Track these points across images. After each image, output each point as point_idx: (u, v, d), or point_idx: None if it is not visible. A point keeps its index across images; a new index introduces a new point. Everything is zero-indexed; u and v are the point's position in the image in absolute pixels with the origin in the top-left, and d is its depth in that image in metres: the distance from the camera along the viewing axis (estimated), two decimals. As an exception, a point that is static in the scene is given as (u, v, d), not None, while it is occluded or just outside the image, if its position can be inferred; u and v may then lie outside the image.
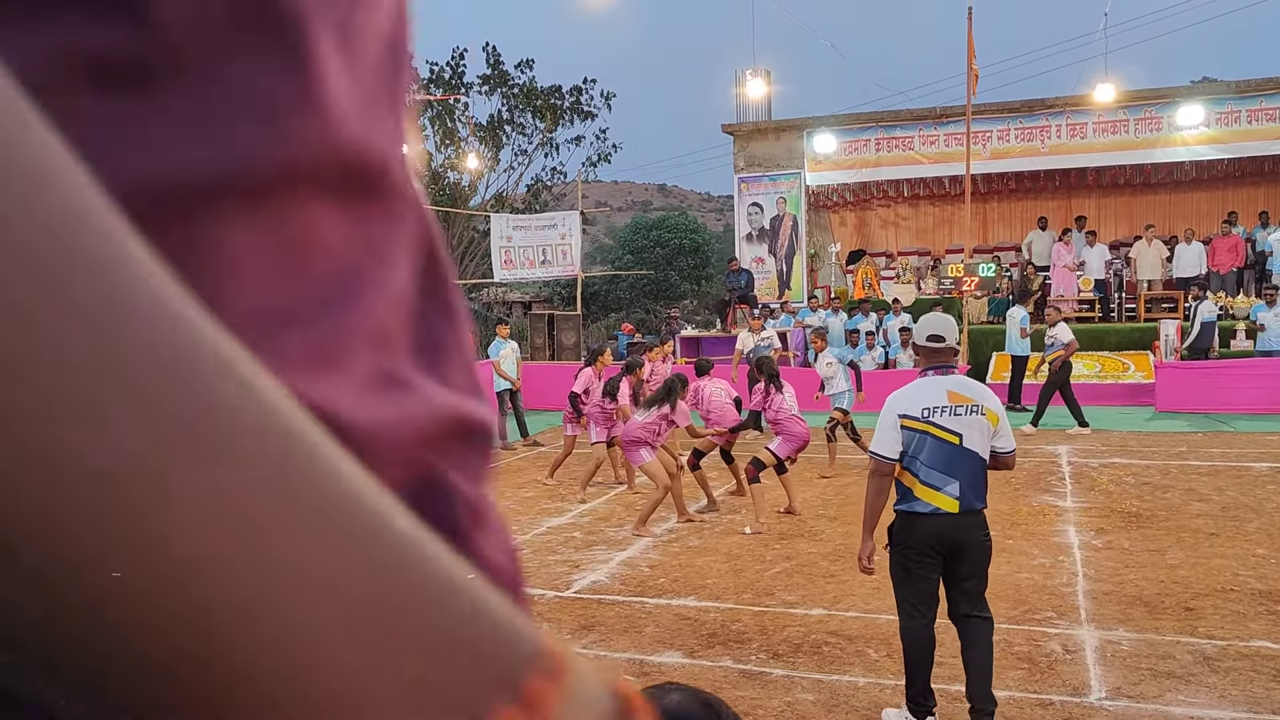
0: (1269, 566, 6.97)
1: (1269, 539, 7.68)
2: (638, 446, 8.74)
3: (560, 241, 21.49)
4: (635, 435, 8.74)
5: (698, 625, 6.22)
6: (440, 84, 33.12)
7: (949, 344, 4.65)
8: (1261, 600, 6.26)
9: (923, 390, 4.52)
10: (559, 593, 7.03)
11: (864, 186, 22.28)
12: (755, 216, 21.97)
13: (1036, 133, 20.04)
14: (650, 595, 6.91)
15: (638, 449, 8.75)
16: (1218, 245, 18.08)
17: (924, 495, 4.44)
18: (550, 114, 33.81)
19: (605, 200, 60.15)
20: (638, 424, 8.77)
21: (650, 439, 8.75)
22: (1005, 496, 9.47)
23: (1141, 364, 16.26)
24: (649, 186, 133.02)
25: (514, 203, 34.54)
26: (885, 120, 21.34)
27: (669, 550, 8.13)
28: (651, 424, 8.74)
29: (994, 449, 4.51)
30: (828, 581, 6.98)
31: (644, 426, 8.73)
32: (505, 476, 11.81)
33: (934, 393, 4.48)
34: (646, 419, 8.75)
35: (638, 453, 8.75)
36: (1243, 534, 7.84)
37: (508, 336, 14.34)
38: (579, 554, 8.11)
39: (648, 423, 8.74)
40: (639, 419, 8.79)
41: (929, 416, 4.44)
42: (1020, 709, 4.78)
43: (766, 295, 21.05)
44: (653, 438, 8.78)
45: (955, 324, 4.90)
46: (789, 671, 5.38)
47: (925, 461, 4.43)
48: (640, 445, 8.73)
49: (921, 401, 4.48)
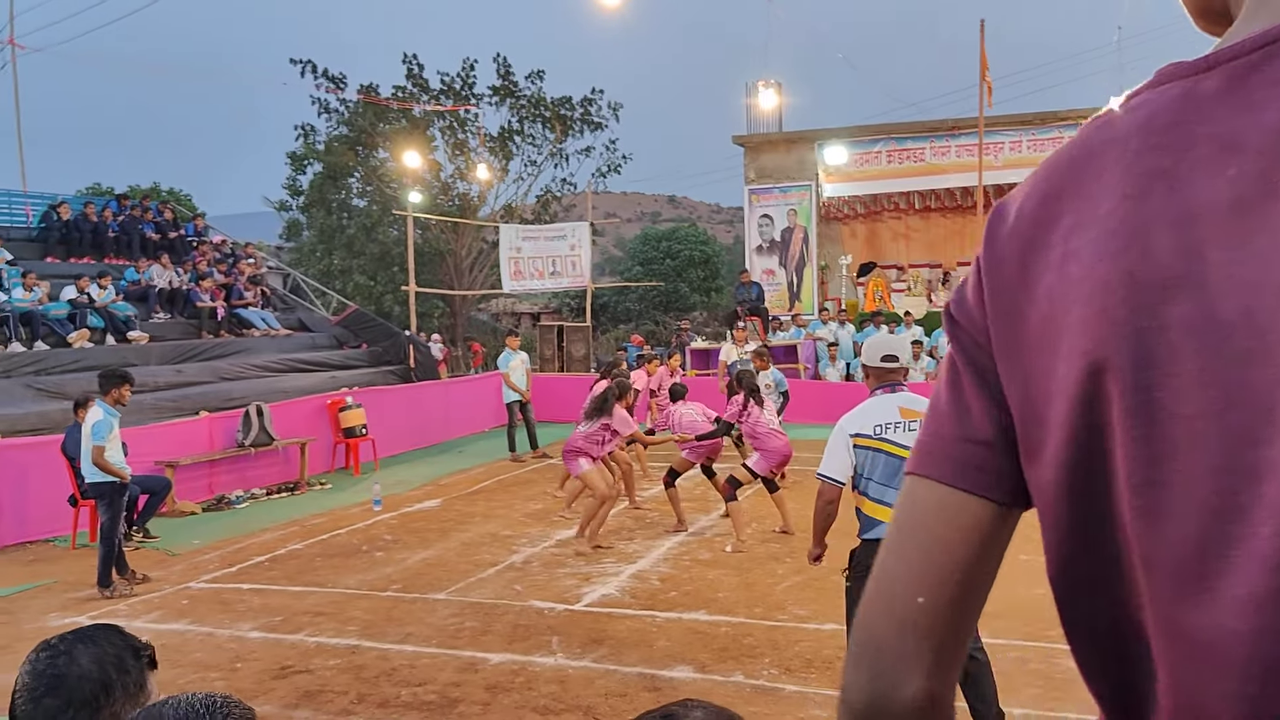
0: None
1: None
2: (577, 456, 8.70)
3: (570, 252, 21.47)
4: (577, 446, 8.71)
5: (709, 639, 6.17)
6: (451, 95, 33.20)
7: (902, 364, 4.70)
8: None
9: (874, 409, 4.50)
10: (569, 606, 6.99)
11: (875, 198, 22.23)
12: (766, 228, 21.94)
13: (1049, 145, 19.97)
14: (661, 609, 6.86)
15: (576, 459, 8.71)
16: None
17: (879, 515, 4.37)
18: (560, 125, 33.86)
19: (614, 211, 60.18)
20: (580, 435, 8.74)
21: (591, 449, 8.71)
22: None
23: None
24: (658, 198, 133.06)
25: (523, 213, 34.55)
26: (897, 132, 21.31)
27: (679, 564, 8.08)
28: (594, 434, 8.71)
29: None
30: (838, 595, 6.91)
31: (585, 437, 8.70)
32: (515, 489, 11.78)
33: (886, 410, 4.46)
34: (589, 429, 8.72)
35: (576, 462, 8.72)
36: (1259, 550, 7.76)
37: (518, 348, 14.31)
38: (589, 567, 8.07)
39: (590, 433, 8.71)
40: (581, 430, 8.77)
41: (882, 433, 4.40)
42: (1036, 727, 4.72)
43: (777, 308, 20.99)
44: (594, 448, 8.74)
45: (908, 344, 4.99)
46: (801, 687, 5.33)
47: (879, 480, 4.37)
48: (579, 456, 8.69)
49: (874, 419, 4.45)
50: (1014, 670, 5.41)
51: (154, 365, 14.67)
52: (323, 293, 25.11)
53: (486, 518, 10.13)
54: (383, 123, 32.95)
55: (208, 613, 7.16)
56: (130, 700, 1.66)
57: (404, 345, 18.87)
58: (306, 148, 34.30)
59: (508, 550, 8.72)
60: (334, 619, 6.87)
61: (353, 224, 33.82)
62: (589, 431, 8.71)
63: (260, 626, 6.77)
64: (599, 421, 8.70)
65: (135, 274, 17.03)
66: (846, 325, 18.84)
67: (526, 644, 6.20)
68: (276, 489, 12.16)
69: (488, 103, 33.56)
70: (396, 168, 31.58)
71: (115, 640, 1.71)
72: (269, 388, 14.97)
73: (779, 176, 22.10)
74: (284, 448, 12.55)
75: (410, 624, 6.70)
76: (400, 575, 7.98)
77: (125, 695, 1.66)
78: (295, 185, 35.11)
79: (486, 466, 13.48)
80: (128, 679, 1.67)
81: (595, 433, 8.72)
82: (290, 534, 9.76)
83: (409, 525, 9.91)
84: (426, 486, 12.13)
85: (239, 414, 12.24)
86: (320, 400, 13.80)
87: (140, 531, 9.65)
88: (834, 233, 22.93)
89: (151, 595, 7.70)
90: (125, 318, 15.45)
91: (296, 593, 7.60)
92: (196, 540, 9.62)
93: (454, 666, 5.84)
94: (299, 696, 5.46)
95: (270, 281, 21.51)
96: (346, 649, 6.23)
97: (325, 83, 31.97)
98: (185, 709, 1.36)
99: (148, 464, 10.46)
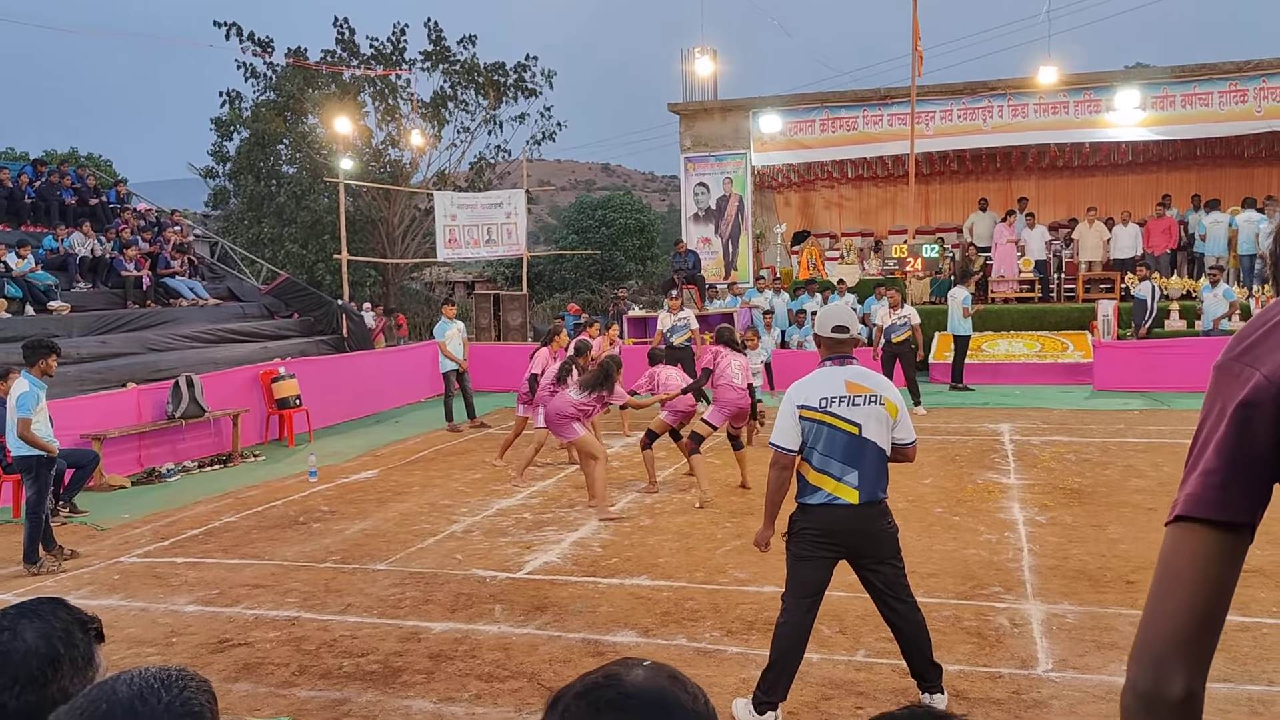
0: (1205, 540, 7.15)
1: (1204, 513, 7.87)
2: (569, 422, 8.67)
3: (506, 220, 21.27)
4: (568, 413, 8.68)
5: (651, 604, 6.23)
6: (382, 60, 32.57)
7: (852, 335, 4.63)
8: (1199, 573, 6.42)
9: (821, 380, 4.50)
10: (511, 574, 6.99)
11: (809, 167, 22.37)
12: (701, 196, 21.95)
13: (979, 114, 20.25)
14: (603, 575, 6.90)
15: (569, 424, 8.68)
16: (1152, 227, 18.45)
17: (821, 483, 4.41)
18: (493, 91, 33.43)
19: (548, 179, 59.66)
20: (571, 402, 8.71)
21: (581, 417, 8.73)
22: (951, 474, 9.62)
23: (1080, 343, 16.59)
24: (592, 166, 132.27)
25: (456, 181, 34.13)
26: (830, 101, 21.41)
27: (620, 530, 8.13)
28: (586, 404, 8.73)
29: (895, 440, 4.51)
30: (778, 559, 7.01)
31: (577, 405, 8.69)
32: (452, 459, 11.72)
33: (832, 383, 4.47)
34: (581, 399, 8.71)
35: (570, 427, 8.68)
36: (1179, 509, 8.04)
37: (454, 317, 14.17)
38: (530, 535, 8.07)
39: (582, 402, 8.71)
40: (574, 398, 8.74)
41: (826, 406, 4.42)
42: (970, 682, 4.86)
43: (713, 276, 21.07)
44: (584, 417, 8.78)
45: (855, 315, 4.90)
46: (743, 649, 5.42)
47: (823, 451, 4.40)
48: (572, 421, 8.67)
49: (820, 391, 4.45)
50: (948, 628, 5.56)
51: (77, 336, 14.27)
52: (252, 261, 24.59)
53: (425, 488, 10.07)
54: (312, 88, 32.23)
55: (141, 587, 7.03)
56: (79, 674, 1.63)
57: (336, 314, 18.59)
58: (233, 113, 33.43)
59: (447, 520, 8.68)
60: (272, 591, 6.80)
61: (282, 191, 33.10)
62: (581, 401, 8.70)
63: (196, 600, 6.67)
64: (593, 394, 8.71)
65: (54, 242, 16.50)
66: (781, 294, 19.00)
67: (469, 612, 6.20)
68: (209, 461, 11.94)
69: (420, 68, 33.03)
70: (327, 134, 30.94)
71: (61, 614, 1.67)
72: (199, 358, 14.67)
73: (714, 145, 22.10)
74: (216, 419, 12.32)
75: (350, 595, 6.65)
76: (339, 546, 7.90)
77: (73, 669, 1.62)
78: (222, 152, 34.24)
79: (423, 436, 13.38)
80: (75, 653, 1.63)
81: (587, 403, 8.72)
82: (224, 506, 9.60)
83: (346, 496, 9.81)
84: (363, 457, 12.00)
85: (168, 385, 11.97)
86: (252, 371, 13.55)
87: (67, 506, 9.42)
88: (769, 201, 23.04)
89: (81, 571, 7.53)
90: (45, 287, 14.99)
91: (233, 565, 7.49)
92: (126, 514, 9.42)
93: (396, 636, 5.82)
94: (238, 670, 5.40)
95: (198, 250, 21.00)
96: (286, 621, 6.17)
97: (252, 46, 31.14)
98: (140, 684, 1.33)
99: (73, 437, 10.20)
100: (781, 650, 4.43)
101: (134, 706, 1.28)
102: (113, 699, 1.29)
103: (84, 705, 1.30)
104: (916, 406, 13.53)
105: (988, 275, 18.87)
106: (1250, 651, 5.09)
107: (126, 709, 1.28)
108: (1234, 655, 5.04)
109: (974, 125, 20.33)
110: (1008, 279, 18.76)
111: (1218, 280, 15.79)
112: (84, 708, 1.29)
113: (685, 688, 1.12)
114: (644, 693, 1.09)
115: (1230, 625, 5.43)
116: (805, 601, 4.48)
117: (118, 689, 1.32)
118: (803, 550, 4.48)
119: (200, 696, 1.34)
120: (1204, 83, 19.09)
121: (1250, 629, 5.39)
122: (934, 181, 22.79)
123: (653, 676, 1.12)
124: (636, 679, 1.11)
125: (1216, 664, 4.91)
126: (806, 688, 4.80)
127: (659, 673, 1.13)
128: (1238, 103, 18.85)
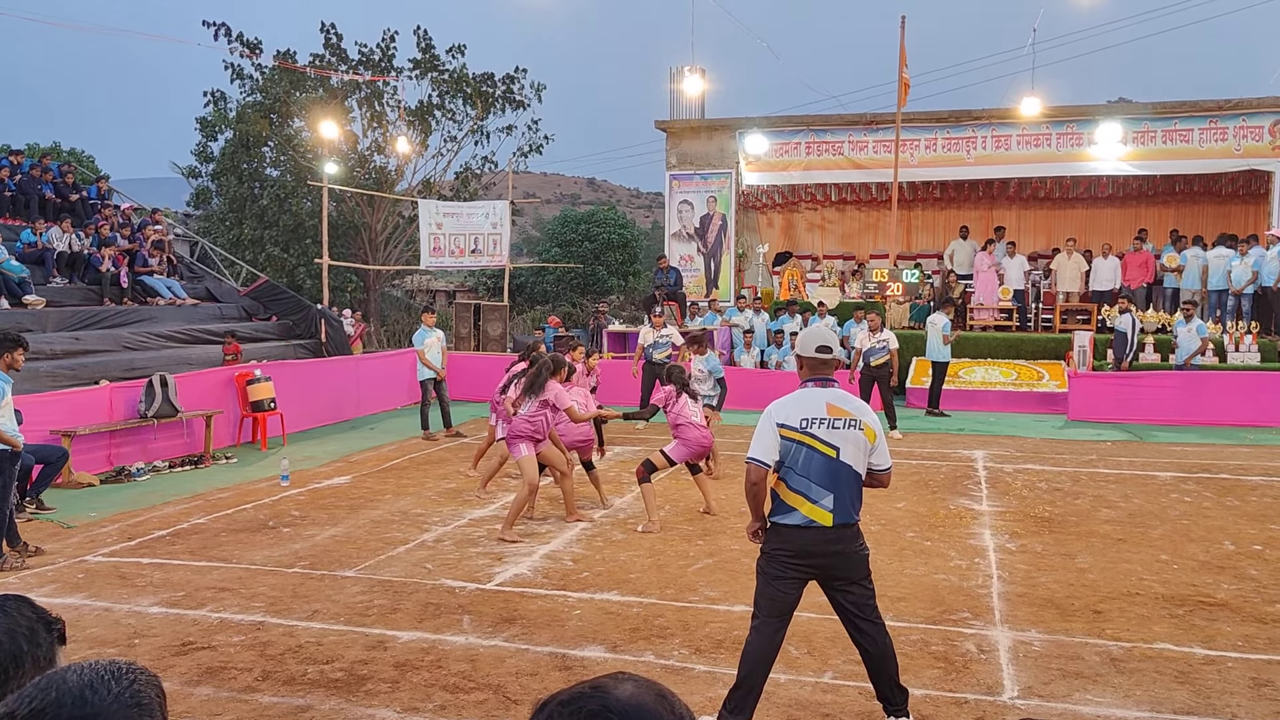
0: (1172, 572, 7.21)
1: (1172, 545, 7.94)
2: (518, 441, 8.48)
3: (492, 231, 21.26)
4: (520, 430, 8.47)
5: (620, 620, 6.21)
6: (369, 66, 32.52)
7: (835, 356, 4.66)
8: (1164, 604, 6.47)
9: (802, 401, 4.51)
10: (480, 585, 6.96)
11: (793, 189, 22.51)
12: (685, 214, 22.03)
13: (962, 143, 20.43)
14: (573, 589, 6.88)
15: (517, 444, 8.48)
16: (1129, 261, 18.64)
17: (797, 504, 4.41)
18: (481, 101, 33.44)
19: (533, 191, 59.63)
20: (523, 418, 8.49)
21: (533, 433, 8.49)
22: (923, 499, 9.65)
23: (1056, 373, 16.71)
24: (578, 180, 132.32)
25: (441, 189, 34.07)
26: (816, 124, 21.54)
27: (592, 544, 8.10)
28: (534, 416, 8.48)
29: (871, 466, 4.54)
30: (749, 578, 7.00)
31: (528, 420, 8.47)
32: (427, 467, 11.66)
33: (813, 404, 4.48)
34: (529, 411, 8.48)
35: (517, 447, 8.49)
36: (1148, 540, 8.10)
37: (434, 325, 14.12)
38: (501, 546, 8.03)
39: (530, 415, 8.48)
40: (523, 413, 8.52)
41: (807, 428, 4.43)
42: (936, 707, 4.86)
43: (694, 293, 21.14)
44: (536, 431, 8.51)
45: (837, 337, 4.93)
46: (711, 667, 5.40)
47: (800, 472, 4.41)
48: (521, 440, 8.46)
49: (801, 412, 4.46)
50: (916, 652, 5.56)
51: (51, 331, 14.14)
52: (232, 263, 24.44)
53: (398, 495, 10.01)
54: (298, 91, 32.15)
55: (105, 587, 6.94)
56: (40, 674, 1.61)
57: (315, 319, 18.50)
58: (217, 114, 33.28)
59: (419, 529, 8.63)
60: (238, 595, 6.73)
61: (265, 194, 32.94)
62: (529, 414, 8.48)
63: (161, 602, 6.60)
64: (536, 400, 8.49)
65: (31, 236, 16.35)
66: (762, 313, 19.06)
67: (437, 622, 6.16)
68: (180, 462, 11.83)
69: (407, 76, 32.99)
70: (312, 138, 30.84)
71: (26, 612, 1.65)
72: (173, 358, 14.56)
73: (700, 163, 22.19)
74: (188, 420, 12.22)
75: (318, 601, 6.59)
76: (308, 552, 7.84)
77: (35, 669, 1.60)
78: (206, 152, 34.07)
79: (398, 444, 13.31)
80: (39, 652, 1.62)
81: (535, 414, 8.48)
82: (194, 508, 9.51)
83: (317, 502, 9.74)
84: (336, 463, 11.93)
85: (141, 384, 11.86)
86: (227, 372, 13.45)
87: (34, 502, 9.31)
88: (752, 221, 23.13)
89: (45, 568, 7.44)
90: (20, 280, 14.84)
91: (199, 568, 7.42)
92: (94, 512, 9.32)
93: (362, 644, 5.77)
94: (201, 673, 5.34)
95: (177, 249, 20.86)
96: (251, 625, 6.11)
97: (240, 47, 31.03)
98: (90, 675, 1.32)
99: (43, 433, 10.09)
100: (749, 669, 4.43)
101: (84, 695, 1.27)
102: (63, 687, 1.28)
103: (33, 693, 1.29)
104: (892, 430, 13.59)
105: (967, 302, 18.99)
106: (1215, 685, 5.12)
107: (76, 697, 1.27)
108: (1199, 689, 5.07)
109: (957, 156, 20.51)
110: (987, 306, 18.89)
111: (1191, 315, 15.97)
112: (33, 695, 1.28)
113: (673, 708, 1.13)
114: (627, 707, 1.09)
115: (1195, 659, 5.47)
116: (774, 621, 4.48)
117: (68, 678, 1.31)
118: (774, 570, 4.49)
119: (149, 690, 1.33)
120: (1185, 119, 19.35)
121: (1215, 662, 5.43)
122: (916, 208, 22.96)
123: (640, 692, 1.13)
124: (623, 693, 1.11)
125: (1181, 697, 4.96)
126: (773, 708, 4.80)
127: (647, 690, 1.13)
128: (1217, 140, 19.11)
